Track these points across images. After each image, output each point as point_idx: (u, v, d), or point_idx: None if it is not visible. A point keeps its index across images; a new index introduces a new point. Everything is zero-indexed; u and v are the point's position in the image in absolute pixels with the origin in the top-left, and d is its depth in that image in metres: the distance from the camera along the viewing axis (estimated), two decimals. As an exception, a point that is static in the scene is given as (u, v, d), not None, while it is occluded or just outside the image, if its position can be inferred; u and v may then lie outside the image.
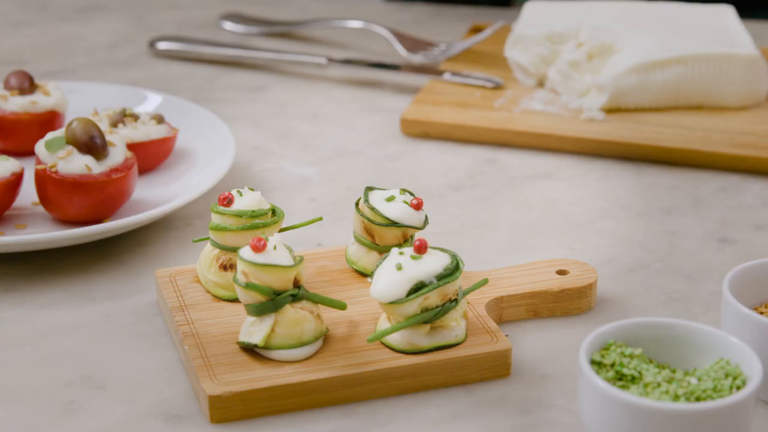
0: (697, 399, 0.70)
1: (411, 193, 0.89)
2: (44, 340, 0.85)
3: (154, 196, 1.02)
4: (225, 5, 1.58)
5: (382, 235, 0.88)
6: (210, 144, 1.09)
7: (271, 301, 0.78)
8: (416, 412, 0.78)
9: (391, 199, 0.88)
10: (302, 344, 0.79)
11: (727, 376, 0.72)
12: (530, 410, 0.78)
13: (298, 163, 1.13)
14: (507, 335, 0.85)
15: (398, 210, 0.87)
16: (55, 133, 0.98)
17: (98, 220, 0.97)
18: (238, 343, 0.80)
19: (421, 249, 0.79)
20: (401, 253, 0.79)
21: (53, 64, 1.39)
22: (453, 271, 0.79)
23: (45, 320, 0.88)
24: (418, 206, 0.88)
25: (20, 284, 0.92)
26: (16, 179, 0.97)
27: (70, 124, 0.97)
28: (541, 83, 1.28)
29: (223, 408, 0.76)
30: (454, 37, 1.45)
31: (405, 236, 0.88)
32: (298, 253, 0.90)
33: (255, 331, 0.79)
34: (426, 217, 0.88)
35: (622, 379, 0.72)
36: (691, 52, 1.20)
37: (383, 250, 0.88)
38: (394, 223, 0.87)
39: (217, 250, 0.87)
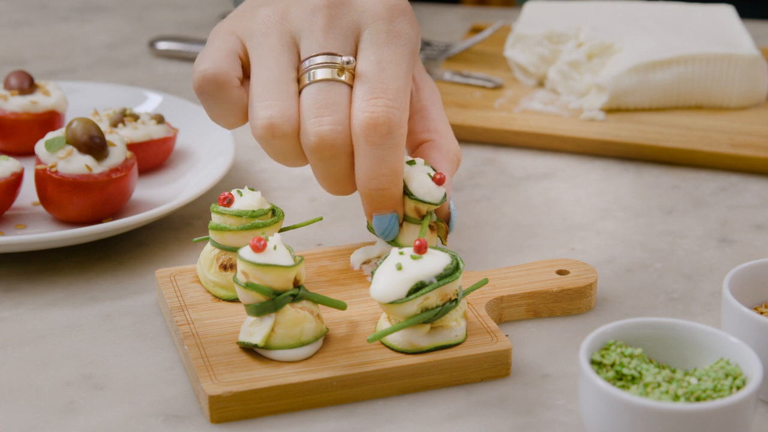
0: (697, 399, 0.70)
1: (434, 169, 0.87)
2: (44, 340, 0.85)
3: (154, 196, 1.02)
4: (225, 5, 1.58)
5: None
6: (210, 144, 1.09)
7: (271, 301, 0.78)
8: (416, 412, 0.78)
9: (411, 163, 0.85)
10: (302, 344, 0.79)
11: (727, 376, 0.72)
12: (530, 410, 0.78)
13: (298, 163, 1.13)
14: (507, 335, 0.85)
15: (417, 180, 0.85)
16: (55, 133, 0.98)
17: (98, 220, 0.97)
18: (238, 343, 0.80)
19: (421, 249, 0.79)
20: (401, 253, 0.79)
21: (53, 64, 1.39)
22: (453, 271, 0.79)
23: (45, 320, 0.88)
24: (440, 181, 0.85)
25: (20, 284, 0.92)
26: (16, 179, 0.97)
27: (70, 124, 0.97)
28: (541, 83, 1.28)
29: (223, 408, 0.76)
30: (454, 37, 1.45)
31: (420, 212, 0.85)
32: (298, 253, 0.90)
33: (255, 331, 0.79)
34: (445, 195, 0.85)
35: (622, 379, 0.72)
36: (691, 52, 1.20)
37: (405, 221, 0.86)
38: (408, 193, 0.84)
39: (217, 250, 0.87)
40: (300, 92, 0.84)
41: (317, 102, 0.83)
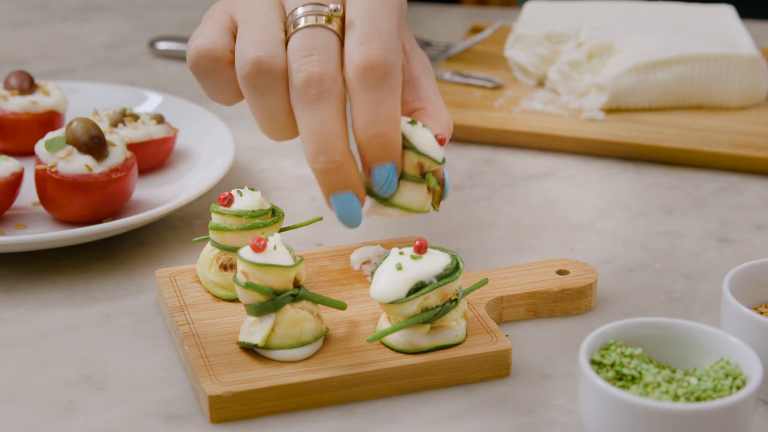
0: (697, 399, 0.70)
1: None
2: (44, 340, 0.85)
3: (154, 196, 1.02)
4: (225, 5, 1.58)
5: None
6: (210, 144, 1.09)
7: (271, 301, 0.78)
8: (416, 412, 0.78)
9: (413, 122, 0.84)
10: (302, 344, 0.79)
11: (727, 376, 0.72)
12: (530, 410, 0.78)
13: (298, 163, 1.13)
14: (507, 335, 0.85)
15: (419, 135, 0.83)
16: (55, 133, 0.98)
17: (98, 220, 0.97)
18: (238, 343, 0.80)
19: (421, 249, 0.79)
20: (401, 253, 0.79)
21: (53, 64, 1.39)
22: (453, 271, 0.79)
23: (45, 320, 0.88)
24: (441, 141, 0.83)
25: (20, 284, 0.92)
26: (16, 179, 0.97)
27: (70, 124, 0.97)
28: (541, 83, 1.28)
29: (223, 408, 0.76)
30: (454, 37, 1.45)
31: (422, 168, 0.83)
32: (298, 253, 0.90)
33: (255, 331, 0.79)
34: (445, 157, 0.84)
35: (622, 379, 0.72)
36: (691, 52, 1.20)
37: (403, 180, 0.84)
38: (411, 147, 0.82)
39: (217, 250, 0.87)
40: (287, 42, 0.82)
41: (305, 44, 0.81)
